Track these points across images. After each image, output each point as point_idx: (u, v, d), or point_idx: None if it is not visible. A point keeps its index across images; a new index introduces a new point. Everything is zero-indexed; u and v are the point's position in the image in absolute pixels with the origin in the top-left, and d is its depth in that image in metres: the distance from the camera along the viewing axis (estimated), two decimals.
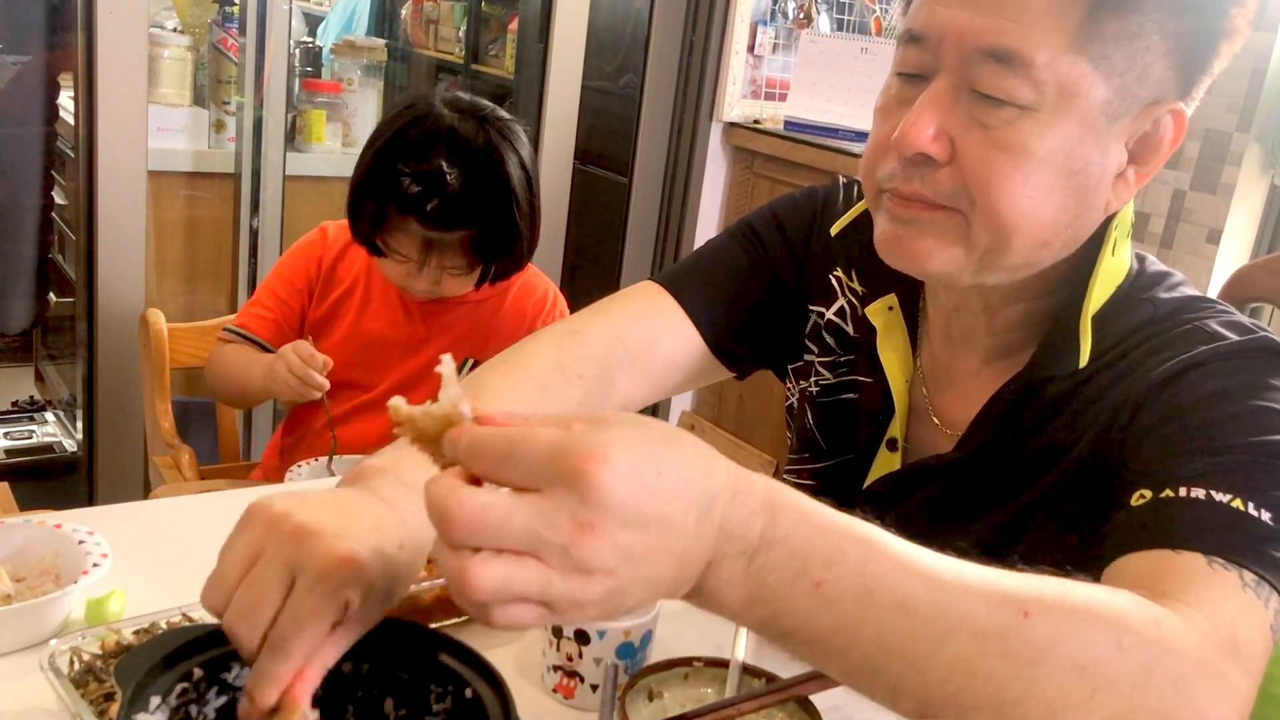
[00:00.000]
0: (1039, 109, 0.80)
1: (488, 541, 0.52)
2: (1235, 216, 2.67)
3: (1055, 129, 0.81)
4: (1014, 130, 0.81)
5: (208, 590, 0.63)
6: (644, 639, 0.92)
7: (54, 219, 2.49)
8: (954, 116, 0.82)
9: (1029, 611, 0.61)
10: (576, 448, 0.52)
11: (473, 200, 1.53)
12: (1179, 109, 0.84)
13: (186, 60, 2.51)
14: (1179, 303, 0.91)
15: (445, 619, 1.01)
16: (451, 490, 0.53)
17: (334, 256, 1.70)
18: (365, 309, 1.68)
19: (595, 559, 0.53)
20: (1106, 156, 0.83)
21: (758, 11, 2.88)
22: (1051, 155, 0.81)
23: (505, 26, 3.54)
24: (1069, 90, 0.80)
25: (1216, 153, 2.66)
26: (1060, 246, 0.87)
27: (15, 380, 3.13)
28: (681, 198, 2.99)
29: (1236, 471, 0.77)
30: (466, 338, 1.69)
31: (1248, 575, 0.71)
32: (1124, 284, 0.92)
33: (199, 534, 1.14)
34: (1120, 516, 0.79)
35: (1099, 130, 0.82)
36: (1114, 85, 0.81)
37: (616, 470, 0.52)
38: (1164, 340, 0.88)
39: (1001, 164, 0.82)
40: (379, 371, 1.67)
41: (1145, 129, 0.84)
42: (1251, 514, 0.74)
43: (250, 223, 2.53)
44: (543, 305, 1.74)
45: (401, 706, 0.70)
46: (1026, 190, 0.82)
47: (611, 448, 0.53)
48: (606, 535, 0.53)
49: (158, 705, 0.62)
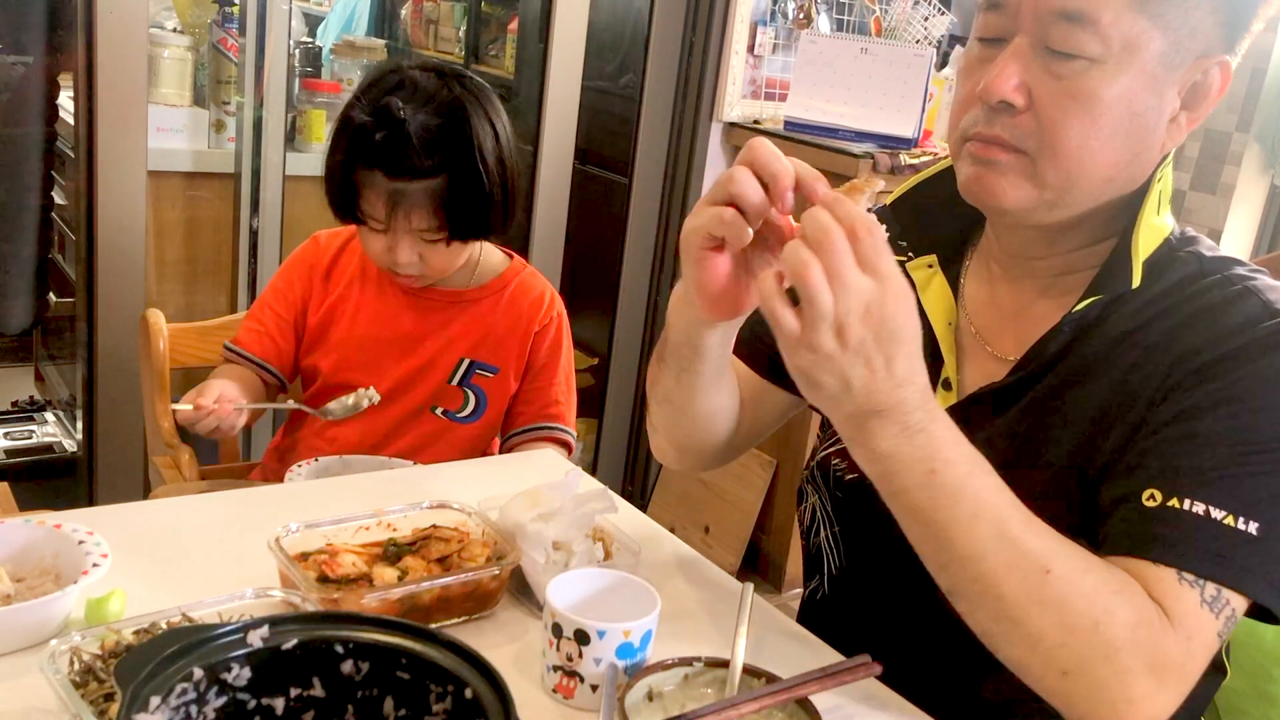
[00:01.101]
0: (1106, 60, 0.92)
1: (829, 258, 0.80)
2: (1235, 216, 2.68)
3: (1120, 78, 0.92)
4: (1085, 79, 0.92)
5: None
6: (644, 639, 0.92)
7: (54, 219, 2.48)
8: (1032, 70, 0.94)
9: (1050, 569, 0.85)
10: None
11: (432, 146, 1.50)
12: (1225, 61, 0.95)
13: (186, 60, 2.51)
14: (1221, 261, 1.01)
15: (445, 619, 1.01)
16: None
17: (327, 264, 1.70)
18: (361, 311, 1.68)
19: (850, 335, 0.81)
20: (1163, 101, 0.95)
21: (758, 11, 2.88)
22: (1117, 100, 0.93)
23: (505, 26, 3.53)
24: (1131, 44, 0.91)
25: (1216, 153, 2.66)
26: (1122, 182, 0.98)
27: (15, 380, 3.13)
28: (681, 198, 2.99)
29: (1244, 485, 0.89)
30: (463, 337, 1.68)
31: (1209, 589, 0.87)
32: (1169, 239, 1.02)
33: (199, 534, 1.15)
34: (1128, 511, 0.92)
35: (1157, 78, 0.93)
36: (1169, 39, 0.92)
37: (905, 307, 0.82)
38: (1218, 298, 0.96)
39: (1073, 110, 0.93)
40: (376, 373, 1.67)
41: (1196, 79, 0.95)
42: (1239, 528, 0.88)
43: (250, 223, 2.53)
44: (539, 306, 1.72)
45: (401, 706, 0.70)
46: (1093, 131, 0.93)
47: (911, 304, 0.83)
48: (866, 327, 0.81)
49: (158, 705, 0.62)
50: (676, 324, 1.04)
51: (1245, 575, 0.88)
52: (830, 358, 0.82)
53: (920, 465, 0.85)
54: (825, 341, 0.82)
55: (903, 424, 0.85)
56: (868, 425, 0.85)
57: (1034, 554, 0.86)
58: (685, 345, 1.04)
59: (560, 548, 1.05)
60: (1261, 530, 0.88)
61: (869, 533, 1.12)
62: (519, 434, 1.73)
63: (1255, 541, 0.88)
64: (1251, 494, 0.89)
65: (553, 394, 1.73)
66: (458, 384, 1.68)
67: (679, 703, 0.89)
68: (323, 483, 1.40)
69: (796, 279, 0.82)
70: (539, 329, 1.71)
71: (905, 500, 0.87)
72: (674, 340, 1.05)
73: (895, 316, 0.82)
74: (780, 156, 0.89)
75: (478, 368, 1.68)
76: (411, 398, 1.67)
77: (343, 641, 0.70)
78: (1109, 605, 0.85)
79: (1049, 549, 0.86)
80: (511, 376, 1.71)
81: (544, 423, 1.73)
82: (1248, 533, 0.88)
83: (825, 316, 0.81)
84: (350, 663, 0.70)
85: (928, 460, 0.85)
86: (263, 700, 0.69)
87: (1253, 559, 0.88)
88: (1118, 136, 0.94)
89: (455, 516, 1.10)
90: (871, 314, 0.81)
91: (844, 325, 0.81)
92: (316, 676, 0.70)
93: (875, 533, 1.10)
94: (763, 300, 0.85)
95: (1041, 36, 0.93)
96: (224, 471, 1.84)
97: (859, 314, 0.81)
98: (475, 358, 1.69)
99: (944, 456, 0.86)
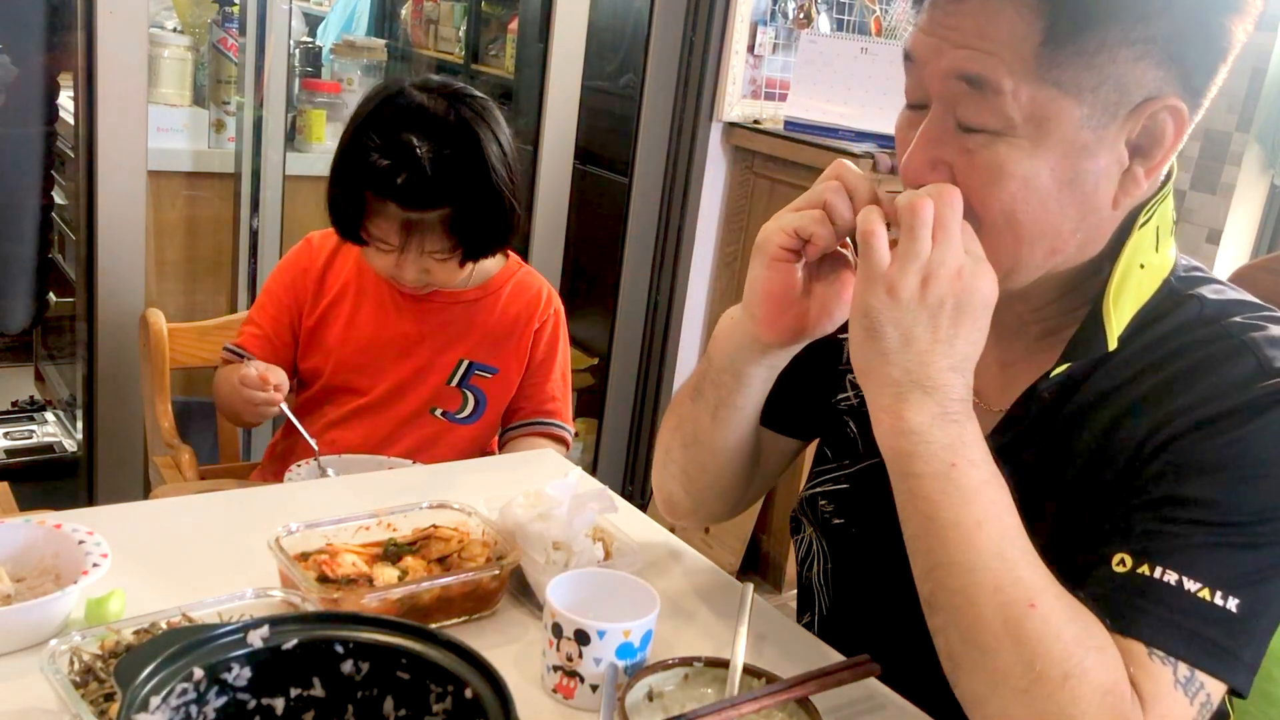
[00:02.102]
0: (1014, 134, 0.84)
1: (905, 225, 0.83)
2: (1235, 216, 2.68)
3: (1035, 151, 0.84)
4: (994, 155, 0.85)
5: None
6: (644, 639, 0.92)
7: (54, 219, 2.48)
8: (947, 146, 0.87)
9: (1035, 604, 0.80)
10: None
11: (446, 176, 1.50)
12: (1173, 103, 0.85)
13: (186, 60, 2.51)
14: (1224, 306, 0.92)
15: (445, 619, 1.01)
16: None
17: (321, 265, 1.70)
18: (357, 313, 1.68)
19: (934, 288, 0.81)
20: (1101, 161, 0.86)
21: (758, 11, 2.88)
22: (1035, 175, 0.85)
23: (505, 26, 3.53)
24: (1039, 116, 0.83)
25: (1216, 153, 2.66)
26: (1076, 249, 0.90)
27: (15, 380, 3.13)
28: (681, 198, 2.99)
29: (1224, 558, 0.82)
30: (461, 337, 1.68)
31: (1181, 670, 0.80)
32: (1169, 280, 0.94)
33: (199, 534, 1.15)
34: (1097, 575, 0.85)
35: (1084, 143, 0.85)
36: (1087, 101, 0.83)
37: (989, 292, 0.83)
38: (1213, 353, 0.89)
39: (989, 184, 0.86)
40: (374, 374, 1.67)
41: (1143, 124, 0.86)
42: (1216, 603, 0.81)
43: (250, 222, 2.53)
44: (536, 304, 1.72)
45: (401, 706, 0.70)
46: (1017, 206, 0.86)
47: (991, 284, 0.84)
48: (951, 288, 0.81)
49: (158, 705, 0.62)
50: (724, 347, 1.02)
51: (1222, 658, 0.81)
52: (905, 305, 0.81)
53: (944, 454, 0.83)
54: (909, 284, 0.81)
55: (942, 407, 0.83)
56: (909, 396, 0.83)
57: (1023, 583, 0.81)
58: (728, 372, 1.02)
59: (560, 548, 1.05)
60: (1241, 609, 0.81)
61: (859, 577, 1.10)
62: (515, 429, 1.74)
63: (1233, 620, 0.81)
64: (1231, 568, 0.82)
65: (549, 390, 1.73)
66: (457, 385, 1.68)
67: (679, 703, 0.89)
68: (323, 483, 1.40)
69: (908, 210, 0.82)
70: (537, 326, 1.71)
71: (916, 487, 0.84)
72: (717, 366, 1.04)
73: (980, 292, 0.82)
74: (865, 175, 0.90)
75: (477, 369, 1.68)
76: (410, 400, 1.67)
77: (343, 641, 0.70)
78: (1084, 661, 0.78)
79: (1039, 584, 0.81)
80: (512, 376, 1.71)
81: (541, 418, 1.73)
82: (1226, 609, 0.81)
83: (919, 257, 0.81)
84: (350, 663, 0.70)
85: (952, 451, 0.83)
86: (263, 700, 0.69)
87: (1229, 640, 0.81)
88: (1050, 207, 0.86)
89: (455, 516, 1.10)
90: (962, 278, 0.81)
91: (932, 275, 0.81)
92: (316, 676, 0.70)
93: (865, 577, 1.09)
94: (862, 225, 0.84)
95: (952, 107, 0.86)
96: (224, 471, 1.84)
97: (951, 271, 0.81)
98: (474, 358, 1.68)
99: (969, 456, 0.83)
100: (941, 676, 0.86)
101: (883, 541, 0.99)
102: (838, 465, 1.12)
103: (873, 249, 0.83)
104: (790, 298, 0.95)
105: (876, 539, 1.02)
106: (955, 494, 0.82)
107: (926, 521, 0.84)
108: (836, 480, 1.12)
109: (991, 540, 0.82)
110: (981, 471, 0.83)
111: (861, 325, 0.84)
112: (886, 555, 0.97)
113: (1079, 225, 0.88)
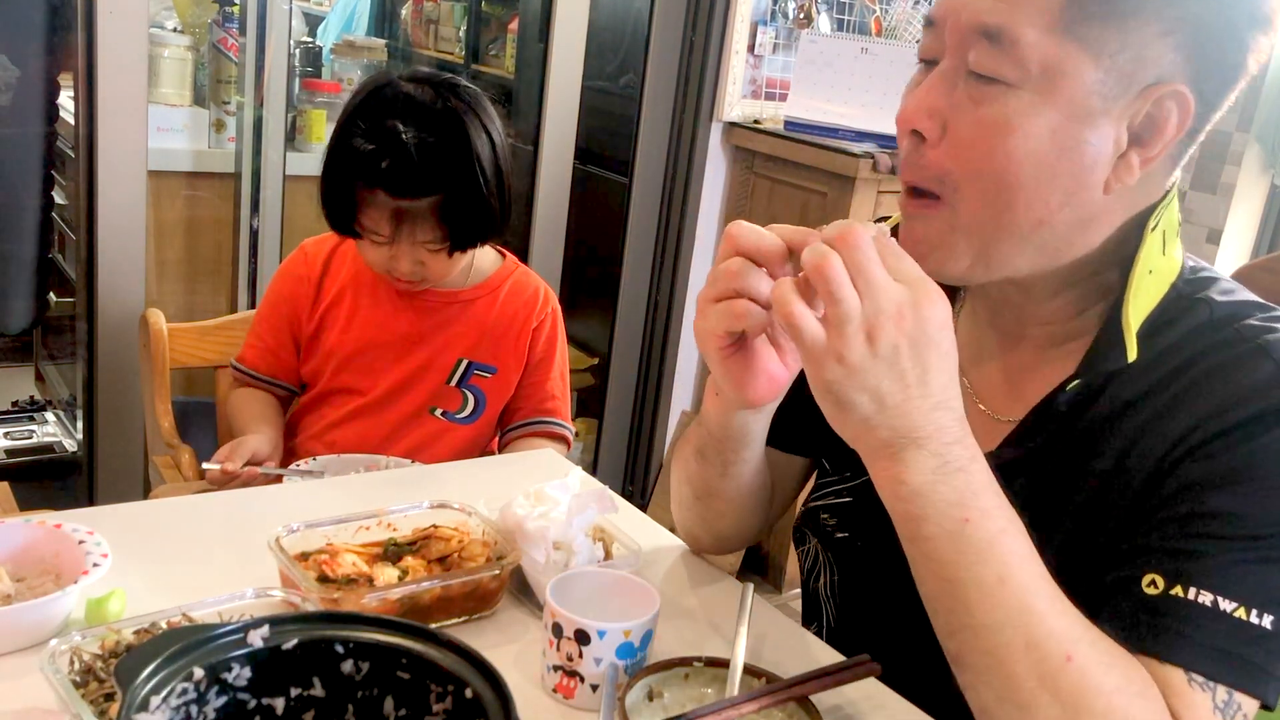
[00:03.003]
0: (1024, 86, 0.82)
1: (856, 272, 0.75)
2: (1235, 216, 2.68)
3: (1042, 108, 0.82)
4: (999, 106, 0.83)
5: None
6: (644, 639, 0.92)
7: (54, 219, 2.48)
8: (952, 97, 0.85)
9: (1072, 657, 0.77)
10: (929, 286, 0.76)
11: (434, 163, 1.51)
12: (1182, 91, 0.83)
13: (186, 60, 2.51)
14: (1234, 308, 0.90)
15: (445, 619, 1.01)
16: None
17: (318, 272, 1.71)
18: (355, 314, 1.68)
19: (882, 339, 0.74)
20: (1102, 136, 0.84)
21: (758, 11, 2.88)
22: (1037, 132, 0.83)
23: (505, 26, 3.53)
24: (1054, 69, 0.82)
25: (1216, 153, 2.66)
26: (1064, 230, 0.87)
27: (15, 380, 3.13)
28: (681, 198, 2.99)
29: (1256, 573, 0.80)
30: (459, 337, 1.68)
31: (1219, 694, 0.79)
32: (1177, 283, 0.92)
33: (199, 534, 1.15)
34: (1128, 598, 0.83)
35: (1091, 110, 0.83)
36: (1104, 65, 0.82)
37: (941, 312, 0.75)
38: (1227, 358, 0.87)
39: (985, 138, 0.84)
40: (373, 375, 1.67)
41: (1148, 110, 0.84)
42: (1252, 622, 0.79)
43: (250, 222, 2.53)
44: (534, 304, 1.73)
45: (401, 706, 0.70)
46: (1010, 165, 0.83)
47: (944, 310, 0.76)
48: (899, 331, 0.74)
49: (158, 705, 0.62)
50: (716, 418, 0.98)
51: (1258, 677, 0.80)
52: (861, 369, 0.75)
53: (954, 511, 0.77)
54: (855, 347, 0.74)
55: (941, 458, 0.77)
56: (902, 455, 0.77)
57: (1056, 636, 0.77)
58: (727, 439, 0.99)
59: (560, 548, 1.05)
60: (1276, 624, 0.79)
61: (865, 589, 1.08)
62: (516, 429, 1.74)
63: (1269, 638, 0.79)
64: (1264, 584, 0.80)
65: (548, 389, 1.74)
66: (456, 385, 1.68)
67: (679, 703, 0.89)
68: (323, 483, 1.40)
69: (817, 275, 0.75)
70: (535, 325, 1.72)
71: (929, 549, 0.79)
72: (715, 435, 1.00)
73: (931, 319, 0.75)
74: (763, 232, 0.83)
75: (476, 368, 1.69)
76: (410, 400, 1.67)
77: (343, 641, 0.70)
78: (1129, 710, 0.77)
79: (1073, 634, 0.78)
80: (510, 376, 1.71)
81: (540, 418, 1.73)
82: (1262, 627, 0.79)
83: (852, 317, 0.74)
84: (350, 663, 0.69)
85: (963, 506, 0.77)
86: (263, 700, 0.69)
87: (1266, 658, 0.79)
88: (1042, 173, 0.84)
89: (455, 516, 1.10)
90: (905, 316, 0.74)
91: (874, 327, 0.74)
92: (316, 676, 0.70)
93: (871, 590, 1.07)
94: (779, 310, 0.77)
95: (965, 58, 0.85)
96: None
97: (891, 315, 0.74)
98: (473, 358, 1.69)
99: (981, 505, 0.78)
100: (946, 681, 0.84)
101: (888, 554, 0.96)
102: (839, 479, 1.11)
103: (803, 331, 0.76)
104: (755, 369, 0.91)
105: (881, 551, 1.00)
106: (971, 552, 0.77)
107: (944, 584, 0.79)
108: (839, 494, 1.10)
109: (1016, 596, 0.77)
110: (996, 521, 0.78)
111: (829, 401, 0.78)
112: (892, 567, 0.95)
113: (1068, 200, 0.85)
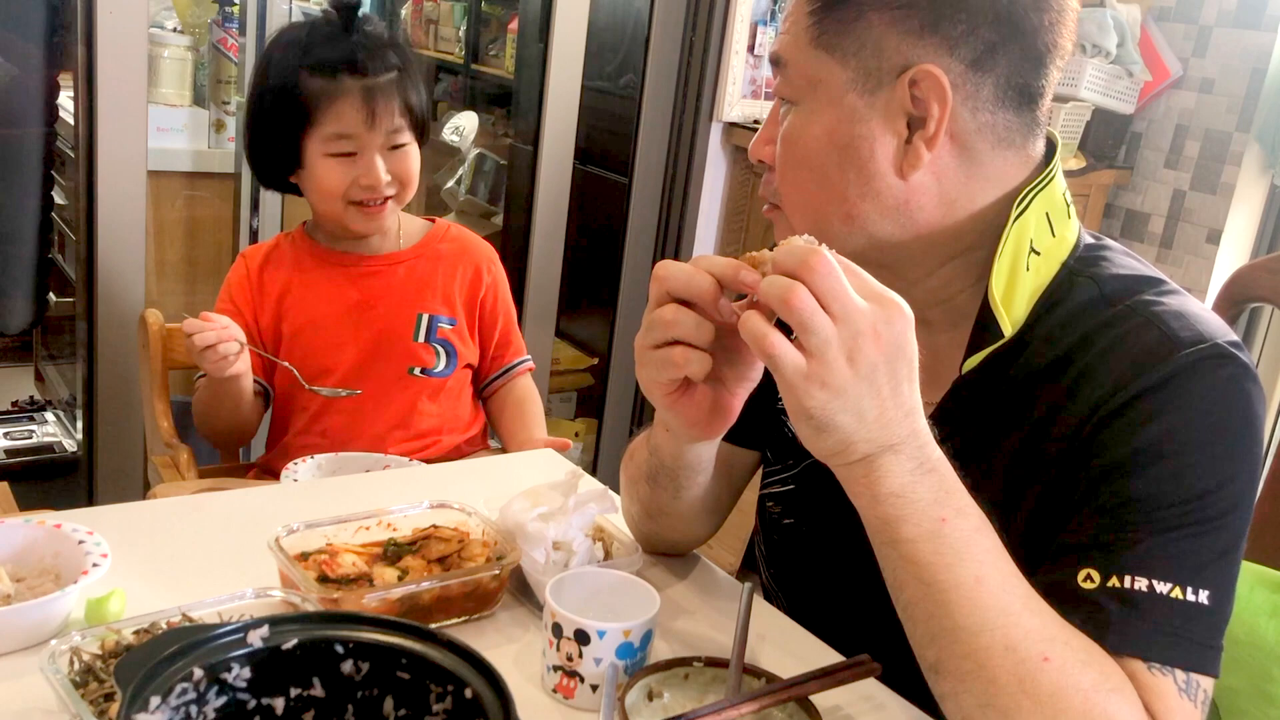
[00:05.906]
0: (801, 101, 0.94)
1: (824, 297, 0.74)
2: (1235, 216, 2.67)
3: (815, 115, 0.93)
4: (789, 122, 0.95)
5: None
6: (644, 639, 0.92)
7: (54, 219, 2.49)
8: (780, 126, 0.97)
9: (1049, 657, 0.77)
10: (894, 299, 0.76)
11: (387, 40, 1.63)
12: (930, 70, 0.88)
13: (186, 60, 2.51)
14: (1126, 283, 0.92)
15: (445, 619, 1.01)
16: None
17: (257, 272, 1.74)
18: (306, 296, 1.72)
19: (862, 360, 0.73)
20: (873, 130, 0.91)
21: (758, 11, 2.88)
22: (816, 137, 0.93)
23: (505, 26, 3.53)
24: (814, 80, 0.93)
25: (1216, 153, 2.66)
26: (876, 215, 0.93)
27: (15, 380, 3.13)
28: (681, 198, 2.99)
29: (1184, 549, 0.82)
30: (411, 295, 1.73)
31: (1179, 677, 0.80)
32: (1068, 261, 0.94)
33: (199, 534, 1.15)
34: (1067, 596, 0.83)
35: (854, 108, 0.91)
36: (851, 66, 0.91)
37: (907, 320, 0.75)
38: (1118, 335, 0.88)
39: (785, 153, 0.96)
40: (337, 349, 1.71)
41: (912, 95, 0.89)
42: (1190, 600, 0.81)
43: (250, 222, 2.53)
44: (475, 250, 1.80)
45: (401, 706, 0.70)
46: (803, 174, 0.95)
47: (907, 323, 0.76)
48: (877, 349, 0.74)
49: (158, 705, 0.62)
50: (669, 451, 1.00)
51: (1207, 654, 0.81)
52: (842, 391, 0.74)
53: (932, 510, 0.77)
54: (837, 370, 0.73)
55: (916, 460, 0.77)
56: (880, 463, 0.77)
57: (1033, 636, 0.77)
58: (681, 469, 1.01)
59: (560, 548, 1.05)
60: (1212, 598, 0.81)
61: (811, 574, 1.10)
62: (493, 381, 1.83)
63: (1208, 612, 0.81)
64: (1194, 558, 0.81)
65: (506, 338, 1.84)
66: (426, 341, 1.73)
67: (679, 703, 0.89)
68: (322, 482, 1.40)
69: (785, 308, 0.73)
70: (483, 274, 1.80)
71: (908, 552, 0.78)
72: (668, 465, 1.01)
73: (902, 333, 0.75)
74: (692, 271, 0.82)
75: (438, 321, 1.74)
76: (387, 366, 1.71)
77: (343, 641, 0.70)
78: (1106, 708, 0.77)
79: (1048, 631, 0.78)
80: (469, 324, 1.78)
81: (507, 365, 1.84)
82: (1200, 603, 0.81)
83: (831, 343, 0.73)
84: (350, 663, 0.70)
85: (939, 505, 0.78)
86: (263, 700, 0.69)
87: (1209, 634, 0.81)
88: (830, 172, 0.92)
89: (455, 516, 1.10)
90: (880, 333, 0.74)
91: (854, 349, 0.73)
92: (316, 676, 0.70)
93: (817, 574, 1.09)
94: (756, 346, 0.75)
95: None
96: (223, 471, 1.84)
97: (868, 334, 0.73)
98: (430, 311, 1.74)
99: (955, 504, 0.78)
100: (900, 662, 0.85)
101: (832, 536, 1.03)
102: (781, 466, 1.13)
103: (781, 361, 0.75)
104: (704, 406, 0.90)
105: (825, 534, 1.05)
106: (949, 553, 0.78)
107: (924, 587, 0.79)
108: (784, 482, 1.12)
109: (994, 595, 0.78)
110: (970, 519, 0.79)
111: (809, 426, 0.77)
112: (836, 549, 1.02)
113: (865, 191, 0.92)
